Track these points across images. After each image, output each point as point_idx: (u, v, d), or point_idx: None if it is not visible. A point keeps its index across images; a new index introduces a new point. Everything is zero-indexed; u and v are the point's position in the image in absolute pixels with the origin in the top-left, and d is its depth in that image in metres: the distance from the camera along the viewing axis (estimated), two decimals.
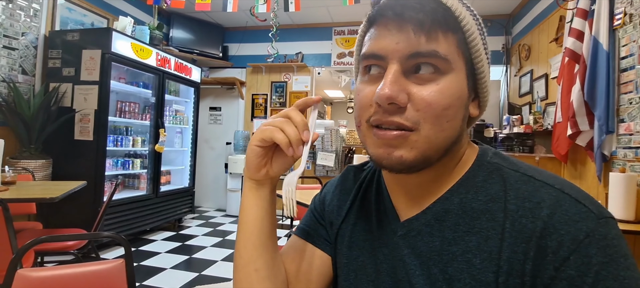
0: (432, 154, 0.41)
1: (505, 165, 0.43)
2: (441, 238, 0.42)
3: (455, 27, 0.40)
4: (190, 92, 4.30)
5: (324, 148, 4.16)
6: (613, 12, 2.03)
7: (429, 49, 0.38)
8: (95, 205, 2.87)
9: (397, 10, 0.40)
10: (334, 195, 0.58)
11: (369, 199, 0.53)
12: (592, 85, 2.06)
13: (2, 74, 2.77)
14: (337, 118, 9.15)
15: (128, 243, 1.00)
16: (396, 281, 0.45)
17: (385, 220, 0.49)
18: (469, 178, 0.43)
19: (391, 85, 0.38)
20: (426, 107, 0.39)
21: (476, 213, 0.40)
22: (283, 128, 0.46)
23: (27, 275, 0.85)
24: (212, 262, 2.92)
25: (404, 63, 0.39)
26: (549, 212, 0.36)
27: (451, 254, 0.40)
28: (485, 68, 0.43)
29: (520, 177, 0.40)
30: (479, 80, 0.43)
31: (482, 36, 0.43)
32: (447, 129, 0.40)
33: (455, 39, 0.40)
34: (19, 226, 2.23)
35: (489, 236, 0.39)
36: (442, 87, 0.39)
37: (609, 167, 2.07)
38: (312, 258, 0.54)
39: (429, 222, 0.43)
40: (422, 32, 0.38)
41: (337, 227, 0.55)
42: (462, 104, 0.41)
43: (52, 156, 2.92)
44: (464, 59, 0.41)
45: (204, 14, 4.58)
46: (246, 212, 0.50)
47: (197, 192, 4.53)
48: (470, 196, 0.42)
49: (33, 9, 2.98)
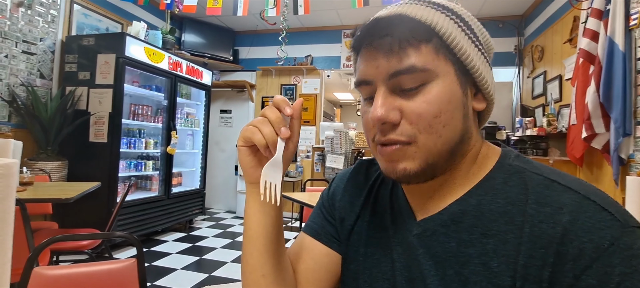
0: (437, 160, 0.41)
1: (527, 168, 0.42)
2: (457, 239, 0.41)
3: (427, 36, 0.40)
4: (202, 95, 4.36)
5: (333, 150, 4.15)
6: (629, 12, 1.98)
7: (405, 65, 0.40)
8: (109, 206, 2.93)
9: (372, 36, 0.42)
10: (345, 190, 0.57)
11: (383, 196, 0.53)
12: (607, 87, 2.01)
13: (21, 78, 2.86)
14: (347, 120, 9.13)
15: (140, 244, 1.02)
16: (410, 280, 0.44)
17: (399, 218, 0.49)
18: (488, 180, 0.43)
19: (381, 107, 0.41)
20: (418, 119, 0.40)
21: (494, 215, 0.40)
22: (260, 128, 0.46)
23: (42, 273, 0.88)
24: (222, 263, 2.94)
25: (389, 83, 0.41)
26: (570, 218, 0.35)
27: (467, 256, 0.40)
28: (477, 61, 0.43)
29: (543, 180, 0.39)
30: (474, 74, 0.43)
31: (466, 30, 0.43)
32: (445, 133, 0.41)
33: (432, 47, 0.40)
34: (36, 226, 2.29)
35: (507, 239, 0.38)
36: (428, 96, 0.40)
37: (627, 171, 2.01)
38: (321, 257, 0.54)
39: (445, 223, 0.43)
40: (394, 52, 0.40)
41: (351, 223, 0.54)
42: (456, 105, 0.41)
43: (68, 158, 2.99)
44: (450, 61, 0.41)
45: (215, 18, 4.64)
46: (249, 217, 0.50)
47: (208, 193, 4.57)
48: (489, 198, 0.41)
49: (51, 15, 3.08)
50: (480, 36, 0.45)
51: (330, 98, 8.87)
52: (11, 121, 2.82)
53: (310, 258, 0.54)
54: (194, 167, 4.35)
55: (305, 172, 4.74)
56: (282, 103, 0.46)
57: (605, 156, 2.18)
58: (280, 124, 0.46)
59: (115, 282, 0.95)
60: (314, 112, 4.80)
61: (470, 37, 0.43)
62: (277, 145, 0.46)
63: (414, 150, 0.41)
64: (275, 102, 0.47)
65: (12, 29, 2.78)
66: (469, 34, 0.43)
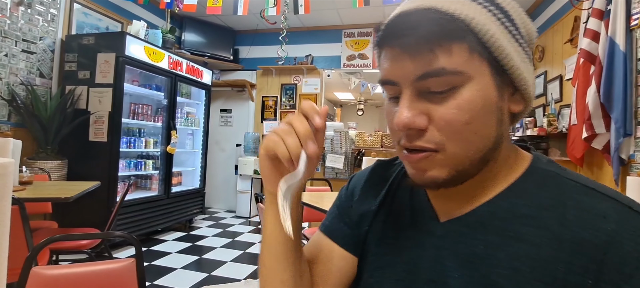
0: (467, 168, 0.39)
1: (561, 173, 0.40)
2: (485, 242, 0.40)
3: (461, 33, 0.36)
4: (202, 94, 4.35)
5: (333, 150, 4.15)
6: (630, 12, 1.98)
7: (435, 67, 0.36)
8: (109, 205, 2.93)
9: (395, 35, 0.38)
10: (363, 190, 0.56)
11: (402, 196, 0.51)
12: (608, 87, 2.00)
13: (21, 77, 2.85)
14: (347, 120, 9.13)
15: (139, 243, 1.02)
16: (429, 282, 0.43)
17: (421, 219, 0.47)
18: (519, 183, 0.41)
19: (406, 112, 0.38)
20: (446, 126, 0.37)
21: (526, 219, 0.38)
22: (284, 139, 0.42)
23: (41, 272, 0.87)
24: (222, 263, 2.94)
25: (416, 85, 0.38)
26: (614, 227, 0.34)
27: (496, 259, 0.38)
28: (517, 59, 0.38)
29: (581, 187, 0.38)
30: (513, 74, 0.39)
31: (506, 23, 0.38)
32: (477, 140, 0.38)
33: (466, 46, 0.36)
34: (35, 225, 2.29)
35: (540, 244, 0.37)
36: (460, 101, 0.37)
37: (627, 171, 2.01)
38: (338, 260, 0.54)
39: (473, 225, 0.42)
40: (421, 53, 0.36)
41: (368, 223, 0.53)
42: (490, 110, 0.38)
43: (68, 157, 2.99)
44: (485, 60, 0.37)
45: (216, 17, 4.64)
46: (267, 225, 0.49)
47: (208, 193, 4.57)
48: (521, 202, 0.40)
49: (51, 14, 3.07)
50: (522, 28, 0.40)
51: (330, 98, 8.87)
52: (11, 120, 2.81)
53: (327, 260, 0.54)
54: (194, 167, 4.35)
55: None
56: (311, 111, 0.42)
57: (606, 156, 2.18)
58: (308, 137, 0.41)
59: (114, 282, 0.94)
60: None
61: (510, 30, 0.38)
62: (301, 158, 0.42)
63: (442, 158, 0.38)
64: (304, 110, 0.42)
65: (12, 27, 2.77)
66: (509, 26, 0.38)
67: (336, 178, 4.10)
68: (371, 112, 9.89)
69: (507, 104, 0.40)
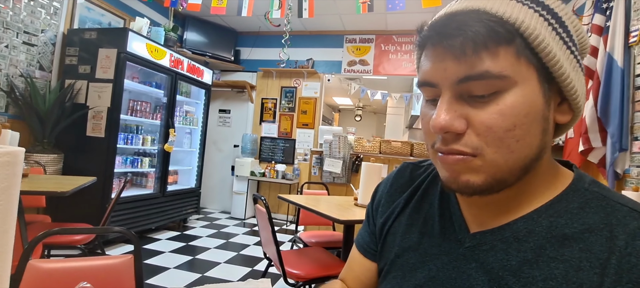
0: (506, 177, 0.37)
1: (608, 195, 0.38)
2: (519, 258, 0.38)
3: (509, 36, 0.35)
4: (201, 93, 4.35)
5: (331, 154, 4.15)
6: (629, 29, 2.01)
7: (479, 70, 0.35)
8: (104, 201, 2.91)
9: (440, 35, 0.37)
10: (388, 194, 0.57)
11: (430, 202, 0.50)
12: (605, 102, 2.03)
13: (21, 69, 2.84)
14: (345, 125, 9.15)
15: (138, 240, 1.01)
16: None
17: (450, 228, 0.46)
18: (561, 201, 0.39)
19: (444, 115, 0.36)
20: (486, 132, 0.36)
21: (568, 240, 0.37)
22: None
23: (38, 266, 0.86)
24: (215, 264, 2.92)
25: (456, 88, 0.37)
26: None
27: (531, 277, 0.37)
28: (567, 66, 0.37)
29: (630, 212, 0.36)
30: (562, 82, 0.37)
31: (557, 28, 0.37)
32: (518, 149, 0.36)
33: (512, 50, 0.35)
34: (29, 218, 2.26)
35: (580, 267, 0.35)
36: (503, 107, 0.35)
37: (622, 186, 2.03)
38: (367, 272, 0.57)
39: (507, 239, 0.40)
40: (466, 55, 0.35)
41: (388, 225, 0.53)
42: (535, 118, 0.36)
43: (64, 151, 2.97)
44: (533, 65, 0.36)
45: (218, 17, 4.65)
46: None
47: (203, 193, 4.55)
48: (563, 221, 0.38)
49: (53, 7, 3.06)
50: (575, 33, 0.38)
51: (329, 102, 8.89)
52: (8, 112, 2.79)
53: (359, 272, 0.58)
54: (191, 166, 4.33)
55: (302, 175, 4.74)
56: None
57: (601, 170, 2.20)
58: None
59: (111, 278, 0.94)
60: (313, 116, 4.81)
61: (561, 36, 0.37)
62: None
63: (480, 163, 0.37)
64: None
65: (14, 19, 2.76)
66: (561, 32, 0.37)
67: (333, 182, 4.10)
68: (369, 118, 9.92)
69: (553, 114, 0.39)
